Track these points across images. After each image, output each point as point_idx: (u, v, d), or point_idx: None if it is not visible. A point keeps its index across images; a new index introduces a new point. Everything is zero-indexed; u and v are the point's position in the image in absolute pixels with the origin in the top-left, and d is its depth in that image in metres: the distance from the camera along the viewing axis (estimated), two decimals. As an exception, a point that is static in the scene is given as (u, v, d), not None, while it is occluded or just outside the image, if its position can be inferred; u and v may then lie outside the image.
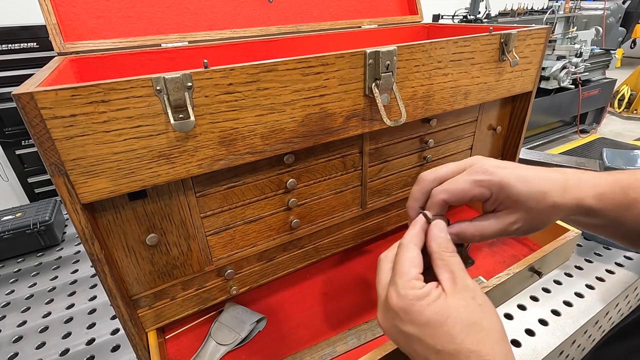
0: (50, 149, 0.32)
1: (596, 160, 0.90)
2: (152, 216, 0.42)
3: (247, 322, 0.55)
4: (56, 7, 0.53)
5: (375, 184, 0.60)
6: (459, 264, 0.31)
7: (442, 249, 0.32)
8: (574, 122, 3.21)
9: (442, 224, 0.34)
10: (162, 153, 0.37)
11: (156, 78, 0.33)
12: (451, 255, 0.31)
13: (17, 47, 1.25)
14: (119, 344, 0.61)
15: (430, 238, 0.33)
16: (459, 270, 0.30)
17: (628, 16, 4.61)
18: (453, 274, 0.30)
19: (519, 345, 0.57)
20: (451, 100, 0.56)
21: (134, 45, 0.58)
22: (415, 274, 0.30)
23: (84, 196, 0.35)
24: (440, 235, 0.33)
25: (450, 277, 0.30)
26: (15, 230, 0.83)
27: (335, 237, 0.60)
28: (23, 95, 0.29)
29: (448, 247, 0.32)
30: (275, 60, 0.39)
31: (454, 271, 0.30)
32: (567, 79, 2.65)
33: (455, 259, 0.31)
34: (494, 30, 0.59)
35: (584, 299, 0.65)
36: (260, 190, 0.49)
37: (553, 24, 3.07)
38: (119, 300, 0.41)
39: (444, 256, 0.31)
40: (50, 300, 0.72)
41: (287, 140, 0.44)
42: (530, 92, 0.67)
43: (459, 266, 0.30)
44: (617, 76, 3.40)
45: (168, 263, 0.46)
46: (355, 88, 0.46)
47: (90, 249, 0.37)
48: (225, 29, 0.67)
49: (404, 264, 0.31)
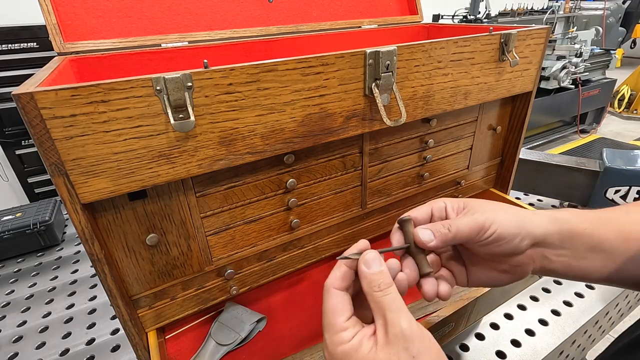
0: (50, 149, 0.32)
1: (596, 160, 0.90)
2: (152, 216, 0.42)
3: (247, 322, 0.55)
4: (56, 7, 0.53)
5: (375, 184, 0.60)
6: (391, 303, 0.28)
7: (373, 287, 0.29)
8: (574, 122, 3.21)
9: (371, 256, 0.31)
10: (162, 153, 0.37)
11: (156, 78, 0.33)
12: (382, 295, 0.28)
13: (17, 47, 1.26)
14: (119, 344, 0.61)
15: (360, 276, 0.30)
16: (392, 313, 0.27)
17: (628, 16, 4.62)
18: (385, 320, 0.27)
19: (519, 345, 0.57)
20: (451, 100, 0.56)
21: (134, 45, 0.58)
22: (341, 325, 0.28)
23: (84, 196, 0.35)
24: (368, 272, 0.30)
25: (382, 324, 0.28)
26: (15, 230, 0.83)
27: (335, 237, 0.60)
28: (23, 95, 0.29)
29: (380, 284, 0.29)
30: (275, 60, 0.39)
31: (385, 316, 0.27)
32: (567, 79, 2.65)
33: (388, 297, 0.28)
34: (494, 30, 0.59)
35: (584, 299, 0.65)
36: (260, 190, 0.49)
37: (553, 24, 3.06)
38: (119, 300, 0.41)
39: (375, 297, 0.28)
40: (50, 300, 0.72)
41: (287, 140, 0.44)
42: (530, 92, 0.67)
43: (391, 307, 0.28)
44: (617, 76, 3.40)
45: (168, 263, 0.46)
46: (355, 88, 0.46)
47: (90, 249, 0.37)
48: (225, 29, 0.67)
49: (327, 316, 0.29)
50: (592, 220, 0.35)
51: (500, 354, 0.57)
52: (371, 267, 0.30)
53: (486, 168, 0.77)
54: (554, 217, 0.35)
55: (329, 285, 0.31)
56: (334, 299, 0.30)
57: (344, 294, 0.31)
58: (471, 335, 0.60)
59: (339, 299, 0.30)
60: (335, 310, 0.29)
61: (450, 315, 0.48)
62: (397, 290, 0.30)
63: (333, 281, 0.31)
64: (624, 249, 0.34)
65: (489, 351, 0.57)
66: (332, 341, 0.28)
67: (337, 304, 0.30)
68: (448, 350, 0.60)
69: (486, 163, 0.76)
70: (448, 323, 0.49)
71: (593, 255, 0.34)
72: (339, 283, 0.31)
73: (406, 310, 0.28)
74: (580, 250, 0.35)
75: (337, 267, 0.32)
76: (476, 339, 0.60)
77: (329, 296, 0.30)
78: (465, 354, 0.59)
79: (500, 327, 0.61)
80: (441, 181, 0.70)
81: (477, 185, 0.77)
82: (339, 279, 0.31)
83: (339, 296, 0.30)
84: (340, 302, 0.30)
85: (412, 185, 0.65)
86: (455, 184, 0.73)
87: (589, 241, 0.34)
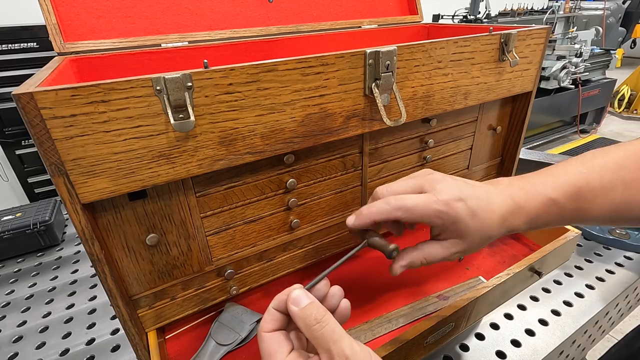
0: (50, 149, 0.32)
1: (596, 160, 0.90)
2: (152, 216, 0.42)
3: (247, 322, 0.55)
4: (56, 7, 0.53)
5: (375, 184, 0.60)
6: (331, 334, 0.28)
7: (309, 323, 0.28)
8: (574, 122, 3.21)
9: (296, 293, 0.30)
10: (162, 153, 0.37)
11: (156, 78, 0.33)
12: (320, 329, 0.28)
13: (17, 47, 1.26)
14: (119, 344, 0.61)
15: (293, 317, 0.30)
16: (335, 343, 0.27)
17: (628, 16, 4.61)
18: (330, 353, 0.27)
19: (519, 345, 0.57)
20: (451, 100, 0.56)
21: (134, 45, 0.58)
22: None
23: (84, 196, 0.35)
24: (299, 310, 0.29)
25: (327, 358, 0.28)
26: (15, 230, 0.83)
27: (335, 237, 0.60)
28: (23, 95, 0.29)
29: (315, 318, 0.29)
30: (275, 60, 0.39)
31: (330, 349, 0.27)
32: (567, 79, 2.65)
33: (326, 329, 0.28)
34: (494, 30, 0.59)
35: (584, 299, 0.65)
36: (260, 190, 0.49)
37: (553, 24, 3.07)
38: (119, 300, 0.41)
39: (314, 333, 0.28)
40: (50, 300, 0.72)
41: (287, 140, 0.44)
42: (530, 92, 0.67)
43: (333, 337, 0.28)
44: (617, 76, 3.40)
45: (168, 263, 0.46)
46: (355, 88, 0.46)
47: (90, 249, 0.37)
48: (225, 29, 0.67)
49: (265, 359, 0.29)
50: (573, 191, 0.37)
51: (500, 354, 0.57)
52: (299, 303, 0.30)
53: (486, 168, 0.77)
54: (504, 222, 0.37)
55: (259, 330, 0.31)
56: (267, 342, 0.30)
57: (277, 333, 0.31)
58: (471, 335, 0.60)
59: (272, 339, 0.30)
60: (270, 351, 0.29)
61: (450, 315, 0.48)
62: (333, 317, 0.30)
63: (263, 326, 0.31)
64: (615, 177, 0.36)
65: (489, 351, 0.57)
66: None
67: (270, 345, 0.30)
68: (448, 350, 0.60)
69: (486, 163, 0.76)
70: (448, 323, 0.49)
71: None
72: (269, 326, 0.31)
73: (346, 335, 0.29)
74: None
75: (266, 313, 0.32)
76: (476, 339, 0.60)
77: (262, 341, 0.30)
78: (465, 354, 0.59)
79: (500, 327, 0.61)
80: (441, 181, 0.70)
81: (477, 185, 0.77)
82: (268, 322, 0.31)
83: (271, 337, 0.30)
84: (274, 342, 0.30)
85: (412, 185, 0.65)
86: (455, 184, 0.73)
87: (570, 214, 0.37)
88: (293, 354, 0.29)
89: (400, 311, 0.56)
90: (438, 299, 0.59)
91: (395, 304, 0.58)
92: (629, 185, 0.34)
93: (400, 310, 0.56)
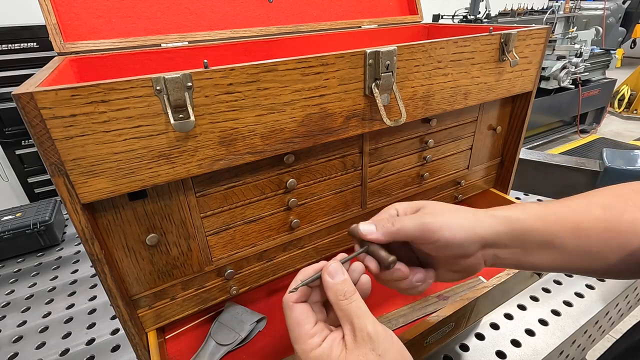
0: (50, 149, 0.32)
1: (596, 161, 0.90)
2: (152, 216, 0.42)
3: (247, 322, 0.55)
4: (56, 7, 0.53)
5: (375, 184, 0.60)
6: (357, 310, 0.30)
7: (338, 296, 0.31)
8: (574, 122, 3.21)
9: (332, 266, 0.33)
10: (162, 153, 0.37)
11: (156, 78, 0.33)
12: (348, 303, 0.30)
13: (17, 47, 1.26)
14: (119, 344, 0.61)
15: (325, 287, 0.32)
16: (358, 318, 0.30)
17: (628, 16, 4.61)
18: (352, 325, 0.29)
19: (519, 345, 0.57)
20: (451, 100, 0.56)
21: (134, 45, 0.58)
22: (308, 332, 0.30)
23: (84, 196, 0.35)
24: (332, 282, 0.32)
25: (350, 330, 0.29)
26: (15, 230, 0.83)
27: (335, 237, 0.60)
28: (23, 95, 0.29)
29: (345, 293, 0.31)
30: (275, 60, 0.39)
31: (352, 322, 0.30)
32: (567, 79, 2.65)
33: (353, 305, 0.30)
34: (494, 30, 0.59)
35: (584, 299, 0.65)
36: (260, 190, 0.49)
37: (553, 24, 3.06)
38: (119, 300, 0.41)
39: (341, 306, 0.30)
40: (50, 300, 0.72)
41: (287, 140, 0.44)
42: (530, 92, 0.67)
43: (357, 312, 0.30)
44: (617, 76, 3.40)
45: (168, 263, 0.46)
46: (355, 88, 0.46)
47: (90, 249, 0.37)
48: (225, 29, 0.67)
49: (293, 328, 0.31)
50: (547, 217, 0.35)
51: (500, 354, 0.57)
52: (335, 277, 0.32)
53: (486, 168, 0.77)
54: (507, 218, 0.35)
55: (287, 300, 0.32)
56: (295, 312, 0.31)
57: (304, 304, 0.32)
58: (471, 335, 0.60)
59: (300, 309, 0.32)
60: (299, 320, 0.31)
61: (450, 315, 0.48)
62: (360, 296, 0.32)
63: (290, 296, 0.32)
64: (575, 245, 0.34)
65: (489, 351, 0.57)
66: (304, 350, 0.30)
67: (299, 314, 0.31)
68: (448, 350, 0.60)
69: (486, 163, 0.76)
70: (448, 323, 0.49)
71: (543, 250, 0.35)
72: (296, 297, 0.32)
73: (370, 314, 0.30)
74: (531, 247, 0.35)
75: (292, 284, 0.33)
76: (476, 339, 0.60)
77: (290, 310, 0.32)
78: (465, 354, 0.59)
79: (500, 327, 0.61)
80: (441, 181, 0.70)
81: (477, 185, 0.77)
82: (290, 292, 0.33)
83: (300, 307, 0.32)
84: (302, 312, 0.31)
85: (412, 185, 0.65)
86: (455, 184, 0.73)
87: (540, 238, 0.35)
88: (318, 325, 0.31)
89: (400, 311, 0.56)
90: (438, 299, 0.59)
91: (395, 304, 0.58)
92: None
93: (400, 310, 0.56)
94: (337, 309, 0.31)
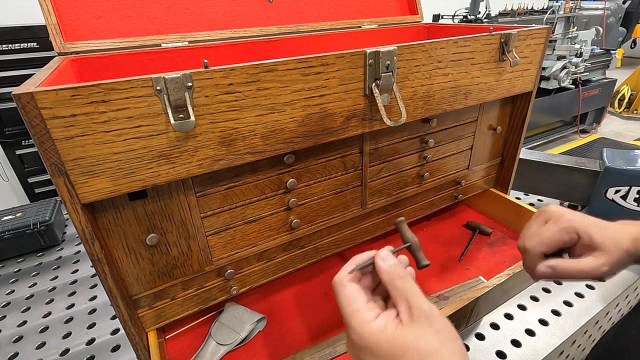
0: (51, 149, 0.32)
1: (596, 161, 0.90)
2: (152, 216, 0.42)
3: (247, 322, 0.55)
4: (56, 7, 0.53)
5: (375, 184, 0.60)
6: (412, 289, 0.31)
7: (394, 277, 0.32)
8: (574, 122, 3.20)
9: (384, 252, 0.34)
10: (162, 153, 0.37)
11: (156, 78, 0.33)
12: (403, 283, 0.32)
13: (17, 47, 1.26)
14: (119, 344, 0.61)
15: (379, 271, 0.33)
16: (413, 296, 0.31)
17: (628, 16, 4.61)
18: (408, 303, 0.30)
19: (519, 345, 0.57)
20: (451, 100, 0.56)
21: (134, 45, 0.58)
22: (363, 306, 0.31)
23: (84, 196, 0.35)
24: (387, 265, 0.33)
25: (406, 307, 0.30)
26: (15, 230, 0.83)
27: (335, 237, 0.60)
28: (23, 95, 0.29)
29: (399, 274, 0.32)
30: (275, 60, 0.39)
31: (408, 300, 0.30)
32: (567, 79, 2.65)
33: (408, 284, 0.32)
34: (494, 30, 0.58)
35: (584, 299, 0.65)
36: (260, 190, 0.49)
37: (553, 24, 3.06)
38: (119, 300, 0.41)
39: (396, 285, 0.32)
40: (50, 300, 0.72)
41: (287, 140, 0.44)
42: (530, 92, 0.67)
43: (412, 292, 0.31)
44: (617, 76, 3.39)
45: (168, 263, 0.46)
46: (356, 88, 0.46)
47: (90, 249, 0.37)
48: (225, 29, 0.67)
49: (346, 305, 0.31)
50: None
51: (500, 354, 0.57)
52: (387, 261, 0.33)
53: (486, 168, 0.77)
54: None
55: (340, 278, 0.33)
56: (349, 289, 0.32)
57: (356, 284, 0.33)
58: (471, 335, 0.60)
59: (353, 287, 0.32)
60: (352, 297, 0.32)
61: (450, 315, 0.48)
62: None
63: (343, 275, 0.33)
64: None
65: (489, 351, 0.57)
66: (360, 322, 0.30)
67: (352, 292, 0.32)
68: (448, 350, 0.59)
69: (486, 163, 0.76)
70: (448, 323, 0.49)
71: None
72: (350, 276, 0.33)
73: (423, 295, 0.31)
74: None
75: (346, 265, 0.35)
76: (476, 339, 0.60)
77: (343, 287, 0.32)
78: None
79: (500, 327, 0.61)
80: (441, 181, 0.70)
81: (477, 185, 0.77)
82: (348, 273, 0.34)
83: (352, 285, 0.33)
84: (355, 290, 0.32)
85: (412, 185, 0.65)
86: (456, 184, 0.73)
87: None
88: (370, 303, 0.32)
89: (401, 311, 0.56)
90: (438, 299, 0.59)
91: (395, 304, 0.58)
92: None
93: (400, 310, 0.56)
94: (392, 289, 0.32)
